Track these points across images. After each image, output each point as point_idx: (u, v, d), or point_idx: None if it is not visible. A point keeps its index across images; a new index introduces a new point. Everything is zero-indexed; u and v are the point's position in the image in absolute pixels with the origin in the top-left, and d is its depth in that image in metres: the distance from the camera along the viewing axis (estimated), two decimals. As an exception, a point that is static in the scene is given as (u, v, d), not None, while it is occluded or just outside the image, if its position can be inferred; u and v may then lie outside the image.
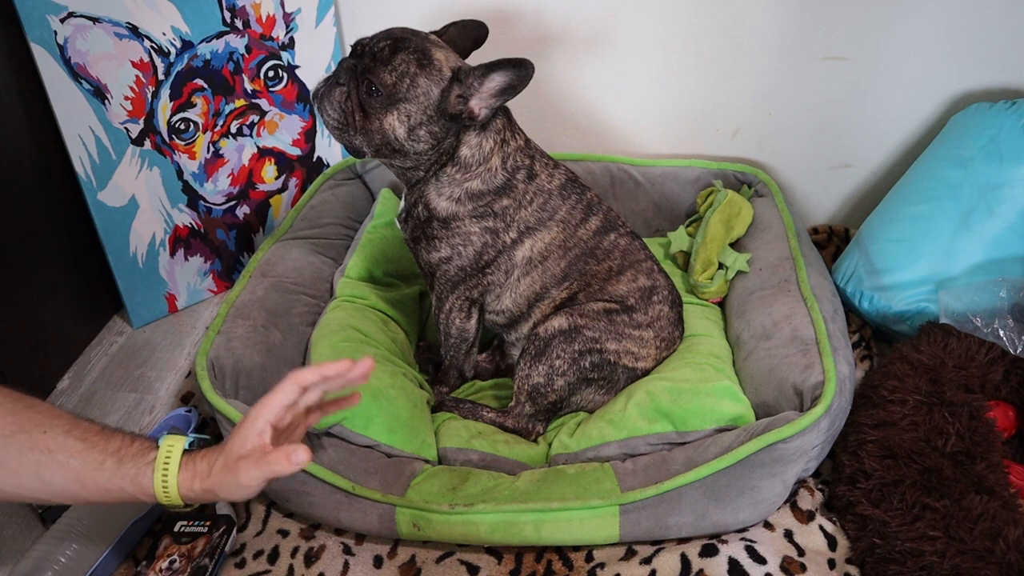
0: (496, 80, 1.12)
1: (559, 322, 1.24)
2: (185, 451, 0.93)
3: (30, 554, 1.07)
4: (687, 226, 1.61)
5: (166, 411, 1.42)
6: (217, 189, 1.64)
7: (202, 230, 1.66)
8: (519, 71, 1.11)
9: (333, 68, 1.70)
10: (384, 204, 1.58)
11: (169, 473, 0.91)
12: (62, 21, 1.36)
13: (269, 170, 1.70)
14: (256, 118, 1.63)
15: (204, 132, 1.58)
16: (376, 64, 1.12)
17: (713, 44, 1.60)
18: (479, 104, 1.14)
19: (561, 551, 1.16)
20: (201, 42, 1.52)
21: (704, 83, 1.65)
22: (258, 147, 1.66)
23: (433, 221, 1.23)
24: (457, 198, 1.22)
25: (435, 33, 1.22)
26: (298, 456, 0.85)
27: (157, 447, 0.93)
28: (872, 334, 1.52)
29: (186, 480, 0.91)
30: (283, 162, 1.71)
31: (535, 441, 1.30)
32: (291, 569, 1.14)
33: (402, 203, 1.29)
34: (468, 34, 1.24)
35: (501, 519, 1.10)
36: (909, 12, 1.50)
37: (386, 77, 1.12)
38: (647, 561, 1.13)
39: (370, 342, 1.32)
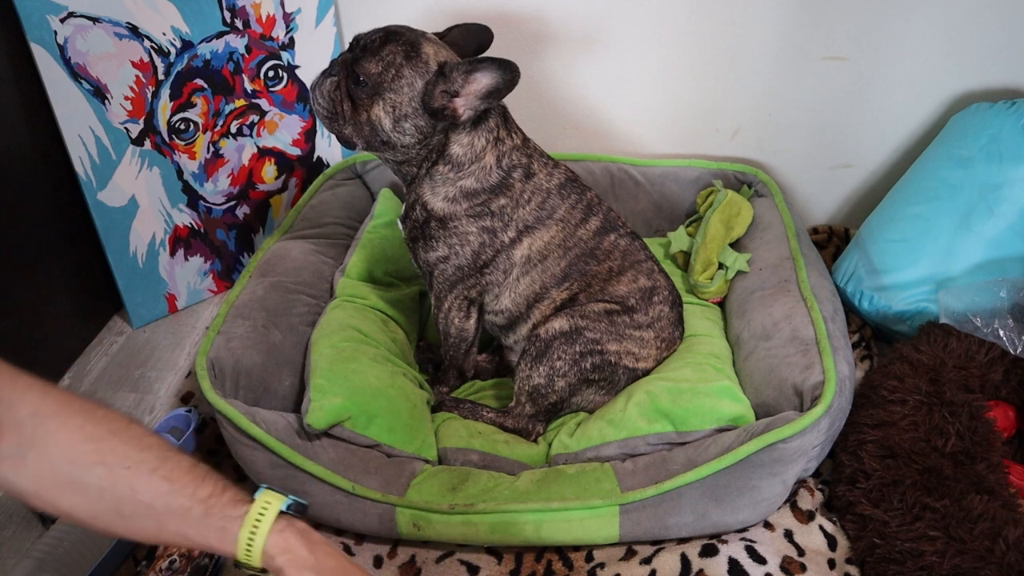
0: (481, 81, 1.12)
1: (560, 323, 1.24)
2: (282, 512, 0.84)
3: (30, 554, 1.07)
4: (687, 226, 1.61)
5: (166, 411, 1.42)
6: (217, 189, 1.64)
7: (202, 230, 1.66)
8: (504, 73, 1.11)
9: (333, 68, 1.71)
10: (384, 204, 1.58)
11: (258, 533, 0.81)
12: (62, 21, 1.36)
13: (269, 170, 1.70)
14: (256, 118, 1.64)
15: (204, 132, 1.58)
16: (365, 54, 1.13)
17: (713, 44, 1.60)
18: (464, 104, 1.14)
19: (561, 551, 1.16)
20: (201, 42, 1.52)
21: (704, 83, 1.65)
22: (258, 147, 1.66)
23: (431, 221, 1.23)
24: (452, 197, 1.22)
25: (437, 34, 1.22)
26: None
27: (251, 500, 0.84)
28: (872, 334, 1.52)
29: (276, 546, 0.82)
30: (283, 162, 1.71)
31: (535, 441, 1.30)
32: (291, 569, 1.14)
33: (404, 204, 1.29)
34: (472, 38, 1.24)
35: (501, 519, 1.10)
36: (909, 12, 1.50)
37: (372, 67, 1.13)
38: (647, 561, 1.13)
39: (370, 342, 1.32)
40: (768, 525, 1.18)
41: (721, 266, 1.50)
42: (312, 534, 0.85)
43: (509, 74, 1.11)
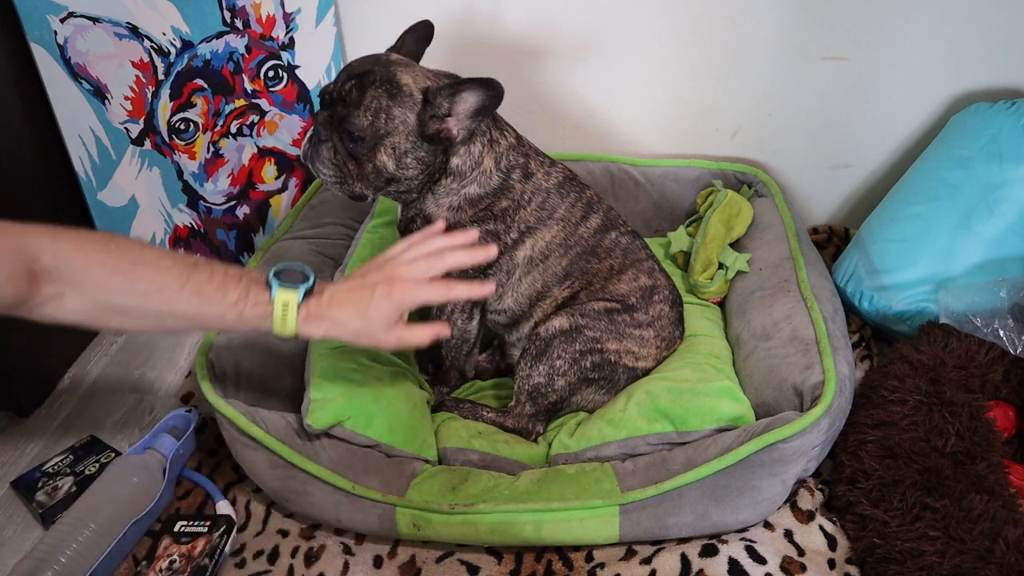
0: (468, 100, 1.13)
1: (560, 322, 1.24)
2: (298, 304, 0.98)
3: (30, 554, 1.07)
4: (687, 226, 1.61)
5: (166, 411, 1.42)
6: (217, 189, 1.64)
7: (202, 230, 1.66)
8: (487, 90, 1.12)
9: (333, 68, 1.71)
10: (384, 203, 1.58)
11: (287, 323, 0.98)
12: (62, 21, 1.35)
13: (269, 170, 1.70)
14: (256, 118, 1.64)
15: (204, 132, 1.58)
16: (349, 109, 1.13)
17: (713, 44, 1.60)
18: (456, 125, 1.15)
19: (561, 551, 1.16)
20: (201, 42, 1.52)
21: (704, 83, 1.65)
22: (258, 147, 1.66)
23: (435, 230, 1.24)
24: (457, 206, 1.22)
25: (392, 48, 1.22)
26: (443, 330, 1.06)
27: (272, 300, 0.98)
28: (872, 334, 1.52)
29: (303, 322, 0.99)
30: (283, 162, 1.71)
31: (535, 441, 1.30)
32: (291, 569, 1.14)
33: (400, 214, 1.29)
34: (419, 36, 1.25)
35: (501, 519, 1.11)
36: (909, 12, 1.51)
37: (362, 121, 1.12)
38: (647, 561, 1.13)
39: (370, 342, 1.32)
40: (768, 525, 1.18)
41: (721, 266, 1.50)
42: (329, 304, 1.00)
43: (492, 91, 1.12)
